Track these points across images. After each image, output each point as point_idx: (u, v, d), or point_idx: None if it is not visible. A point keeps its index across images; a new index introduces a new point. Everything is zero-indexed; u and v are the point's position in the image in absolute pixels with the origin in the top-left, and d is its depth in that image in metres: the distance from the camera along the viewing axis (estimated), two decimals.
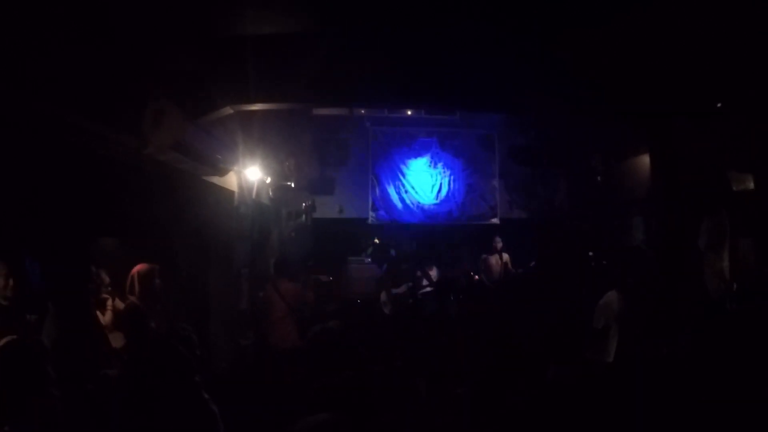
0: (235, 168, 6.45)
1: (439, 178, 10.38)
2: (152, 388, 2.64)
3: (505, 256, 9.40)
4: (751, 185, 5.51)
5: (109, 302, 4.09)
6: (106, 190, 4.05)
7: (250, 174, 6.92)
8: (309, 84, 5.68)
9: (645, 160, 8.12)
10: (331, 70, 5.58)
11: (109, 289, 4.15)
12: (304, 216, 8.81)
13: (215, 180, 6.02)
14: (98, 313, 3.96)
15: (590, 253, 8.68)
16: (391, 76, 5.77)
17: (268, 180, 7.66)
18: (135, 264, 4.28)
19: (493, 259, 9.47)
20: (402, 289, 9.75)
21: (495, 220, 10.46)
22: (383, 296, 9.60)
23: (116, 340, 3.85)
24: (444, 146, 10.42)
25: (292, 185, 8.57)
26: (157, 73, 4.33)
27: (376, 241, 10.59)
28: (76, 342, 3.38)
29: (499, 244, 9.40)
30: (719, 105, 5.48)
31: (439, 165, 10.41)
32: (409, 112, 10.46)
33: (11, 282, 3.45)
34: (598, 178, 8.88)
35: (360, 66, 5.61)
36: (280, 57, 5.46)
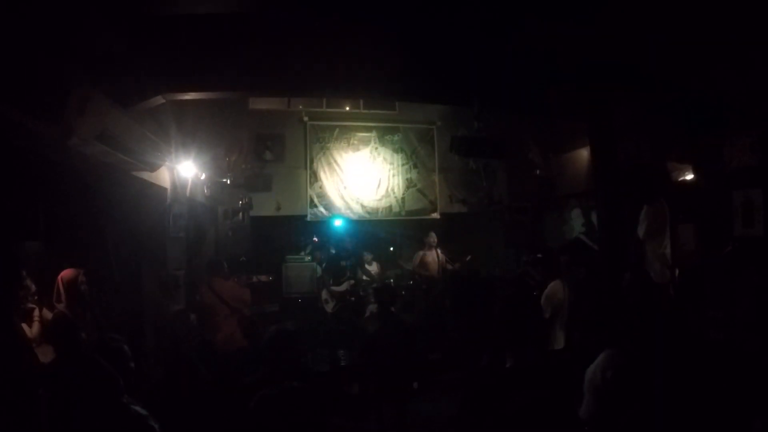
0: (168, 163, 6.00)
1: (378, 173, 10.23)
2: (79, 410, 2.33)
3: (441, 253, 9.40)
4: (690, 174, 5.71)
5: (36, 312, 3.64)
6: (25, 186, 3.57)
7: (184, 170, 6.49)
8: (246, 71, 5.39)
9: (583, 153, 8.34)
10: (270, 56, 5.30)
11: (36, 298, 3.69)
12: (241, 214, 8.41)
13: (146, 176, 5.56)
14: (24, 325, 3.50)
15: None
16: (331, 64, 5.55)
17: (203, 176, 7.23)
18: (60, 269, 3.84)
19: (430, 256, 9.46)
20: (343, 286, 9.58)
21: (435, 215, 10.45)
22: (324, 294, 9.40)
23: (45, 355, 3.41)
24: (383, 141, 10.28)
25: (229, 182, 8.16)
26: (80, 55, 3.90)
27: (315, 239, 10.34)
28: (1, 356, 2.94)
29: (434, 240, 9.41)
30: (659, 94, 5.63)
31: (379, 160, 10.26)
32: (347, 107, 10.25)
33: None
34: (537, 171, 9.03)
35: (300, 53, 5.36)
36: (216, 41, 5.11)
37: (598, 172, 6.58)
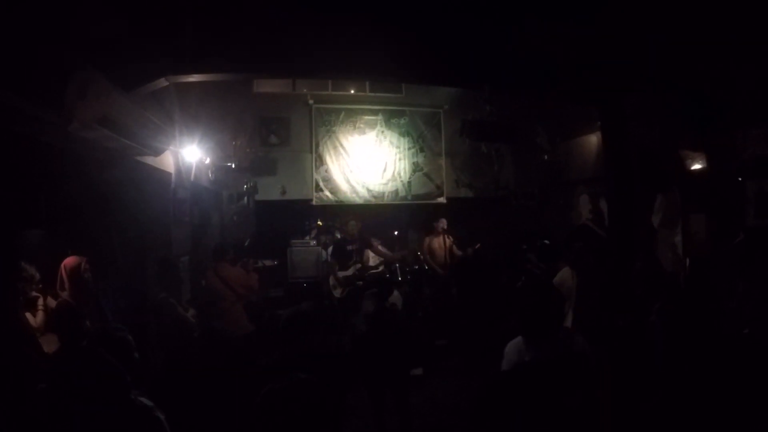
0: (172, 148, 5.91)
1: (384, 156, 10.11)
2: (83, 405, 2.28)
3: (449, 239, 9.29)
4: (704, 163, 5.59)
5: (40, 301, 3.59)
6: (26, 173, 3.50)
7: (188, 154, 6.40)
8: (250, 53, 5.28)
9: (591, 139, 8.20)
10: (274, 37, 5.19)
11: (40, 286, 3.63)
12: (245, 198, 8.34)
13: (150, 161, 5.48)
14: (28, 314, 3.45)
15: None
16: (337, 45, 5.43)
17: (208, 161, 7.15)
18: (63, 257, 3.78)
19: (437, 242, 9.35)
20: (350, 271, 9.52)
21: (442, 199, 10.36)
22: (332, 279, 9.33)
23: (49, 344, 3.37)
24: (389, 124, 10.14)
25: (233, 166, 8.08)
26: (80, 37, 3.79)
27: (320, 223, 10.26)
28: (3, 349, 2.89)
29: (443, 226, 9.27)
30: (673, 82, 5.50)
31: (385, 143, 10.13)
32: (353, 90, 10.10)
33: None
34: (545, 156, 8.91)
35: (305, 34, 5.25)
36: (220, 22, 5.01)
37: (608, 159, 6.47)
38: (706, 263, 5.40)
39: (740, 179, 5.19)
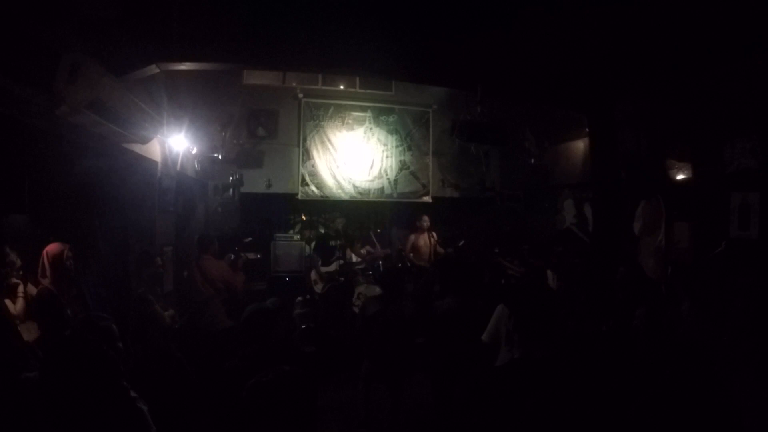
0: (159, 136, 5.81)
1: (372, 153, 10.09)
2: (72, 392, 2.23)
3: (434, 236, 9.32)
4: (690, 173, 5.67)
5: (20, 288, 3.49)
6: (11, 156, 3.40)
7: (175, 143, 6.30)
8: (242, 42, 5.22)
9: (578, 145, 8.29)
10: (265, 27, 5.13)
11: (21, 273, 3.54)
12: (231, 190, 8.25)
13: (136, 148, 5.37)
14: (8, 301, 3.35)
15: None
16: (329, 38, 5.40)
17: (194, 150, 7.06)
18: (45, 244, 3.69)
19: (422, 239, 9.37)
20: (332, 266, 9.49)
21: (427, 199, 10.38)
22: (313, 274, 9.30)
23: (28, 332, 3.28)
24: (378, 122, 10.12)
25: (220, 157, 7.99)
26: (72, 19, 3.71)
27: (304, 217, 10.21)
28: None
29: (426, 223, 9.30)
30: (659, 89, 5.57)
31: (373, 140, 10.11)
32: (342, 86, 10.05)
33: None
34: (532, 160, 8.97)
35: (296, 25, 5.20)
36: (212, 10, 4.94)
37: (596, 165, 6.53)
38: (688, 271, 5.48)
39: (725, 190, 5.28)
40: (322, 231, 10.24)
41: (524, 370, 2.93)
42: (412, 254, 9.37)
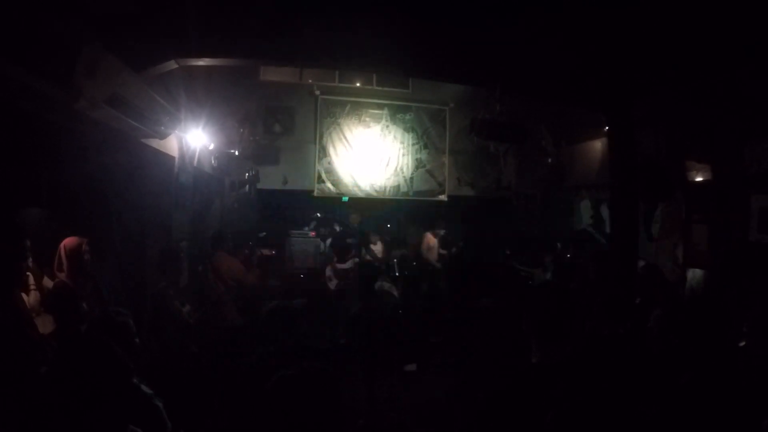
0: (177, 131, 5.85)
1: (388, 151, 10.08)
2: (81, 389, 2.24)
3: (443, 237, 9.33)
4: (709, 175, 5.56)
5: (31, 280, 3.52)
6: (30, 151, 3.44)
7: (193, 139, 6.34)
8: (260, 38, 5.22)
9: (596, 145, 8.18)
10: (283, 23, 5.13)
11: (30, 265, 3.57)
12: (247, 186, 8.29)
13: (154, 143, 5.42)
14: (23, 294, 3.39)
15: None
16: (347, 35, 5.38)
17: (211, 146, 7.09)
18: (63, 237, 3.72)
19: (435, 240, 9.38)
20: (348, 264, 9.49)
21: (443, 197, 10.34)
22: (328, 271, 9.30)
23: (44, 325, 3.32)
24: (395, 119, 10.10)
25: (236, 153, 8.03)
26: (91, 14, 3.73)
27: (319, 214, 10.23)
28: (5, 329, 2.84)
29: (442, 225, 9.35)
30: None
31: (389, 138, 10.09)
32: (359, 83, 10.05)
33: None
34: (549, 159, 8.88)
35: (314, 21, 5.19)
36: (231, 7, 4.95)
37: (614, 165, 6.43)
38: (706, 274, 5.39)
39: (745, 192, 5.17)
40: (338, 228, 10.24)
41: (542, 375, 2.89)
42: (426, 253, 9.37)
